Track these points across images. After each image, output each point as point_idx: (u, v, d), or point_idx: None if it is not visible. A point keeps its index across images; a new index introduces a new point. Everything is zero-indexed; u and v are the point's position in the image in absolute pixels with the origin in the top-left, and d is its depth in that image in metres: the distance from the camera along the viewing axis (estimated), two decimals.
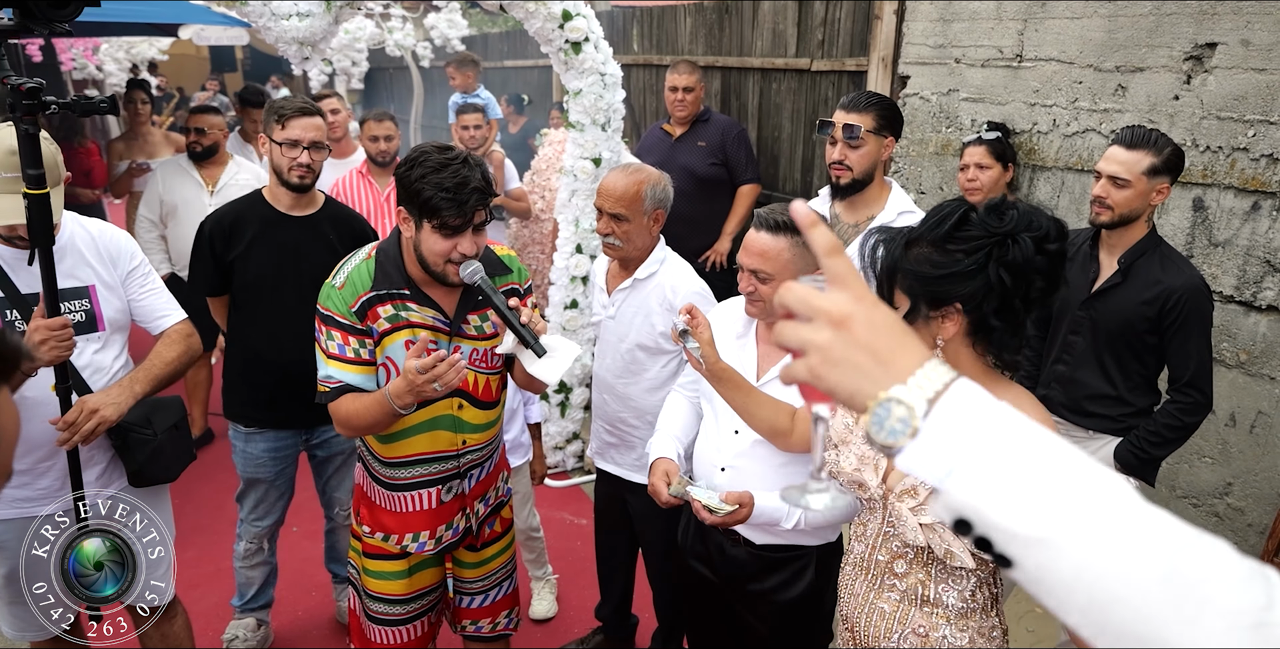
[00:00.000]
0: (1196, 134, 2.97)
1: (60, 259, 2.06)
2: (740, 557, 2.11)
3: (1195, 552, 0.61)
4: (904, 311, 1.39)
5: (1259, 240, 2.85)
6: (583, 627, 3.18)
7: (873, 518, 1.61)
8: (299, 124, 2.67)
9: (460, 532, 2.25)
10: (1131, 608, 0.60)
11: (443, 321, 2.04)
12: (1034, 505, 0.62)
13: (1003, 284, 1.32)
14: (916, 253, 1.38)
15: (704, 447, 2.15)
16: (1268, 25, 2.75)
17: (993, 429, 0.65)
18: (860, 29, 4.35)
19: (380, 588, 2.22)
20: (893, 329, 0.69)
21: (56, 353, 1.95)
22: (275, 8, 4.00)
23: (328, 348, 2.02)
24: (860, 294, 0.70)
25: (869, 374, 0.68)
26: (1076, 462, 0.64)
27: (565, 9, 3.86)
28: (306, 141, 2.67)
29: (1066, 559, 0.61)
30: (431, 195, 1.85)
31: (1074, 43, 3.33)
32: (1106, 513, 0.62)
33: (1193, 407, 2.43)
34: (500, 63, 9.64)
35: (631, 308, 2.62)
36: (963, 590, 1.52)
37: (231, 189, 4.38)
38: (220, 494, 4.12)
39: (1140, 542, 0.61)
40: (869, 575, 1.62)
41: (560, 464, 4.36)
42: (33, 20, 1.82)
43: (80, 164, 6.19)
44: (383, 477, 2.16)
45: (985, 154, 3.27)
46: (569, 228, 4.21)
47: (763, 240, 1.97)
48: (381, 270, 2.01)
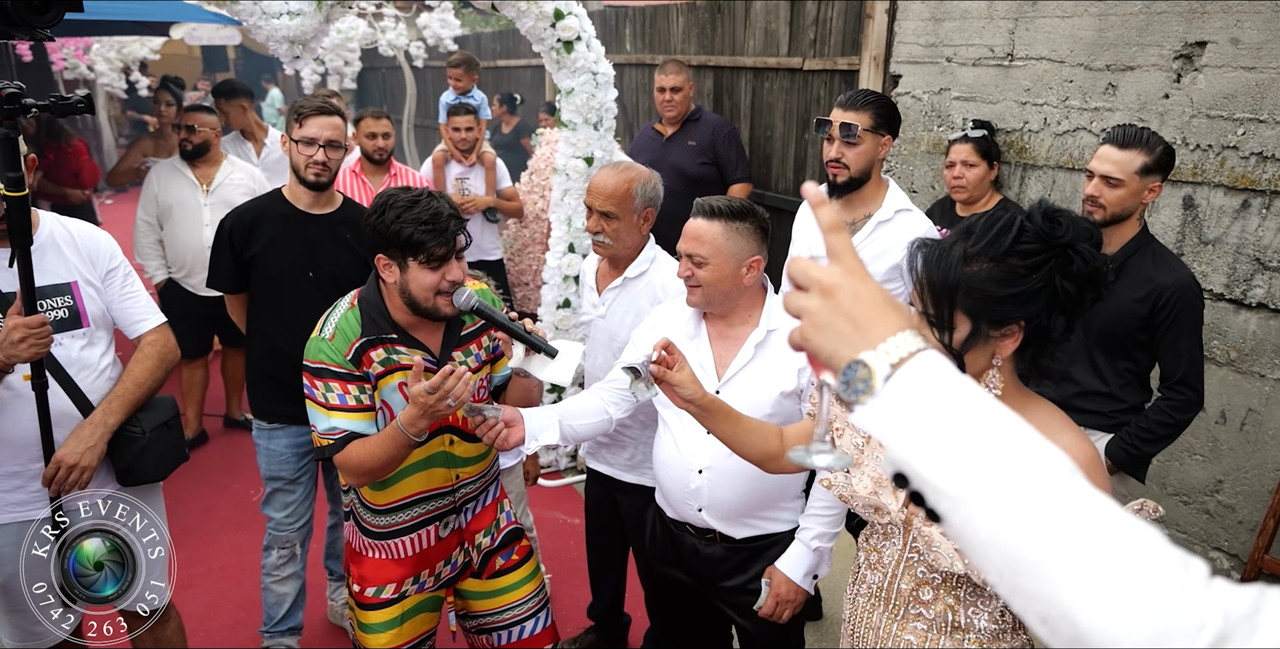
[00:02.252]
0: (1186, 132, 2.98)
1: (41, 256, 2.08)
2: (716, 554, 2.12)
3: (1114, 531, 0.65)
4: (964, 335, 1.27)
5: (1249, 238, 2.86)
6: (575, 626, 3.18)
7: (889, 544, 1.51)
8: (316, 122, 2.69)
9: (459, 567, 2.23)
10: (1038, 573, 0.65)
11: (431, 361, 2.05)
12: (960, 467, 0.68)
13: (1068, 297, 1.25)
14: (977, 271, 1.26)
15: (673, 451, 2.11)
16: (1257, 24, 2.76)
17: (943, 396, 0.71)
18: (852, 28, 4.36)
19: (373, 643, 2.17)
20: (875, 300, 0.76)
21: (35, 350, 1.96)
22: (266, 7, 3.98)
23: (326, 401, 2.00)
24: (851, 267, 0.77)
25: (847, 338, 0.75)
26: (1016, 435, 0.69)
27: (557, 8, 3.86)
28: (323, 140, 2.69)
29: (983, 519, 0.67)
30: (412, 232, 1.89)
31: (1064, 42, 3.34)
32: (1027, 483, 0.67)
33: (1184, 404, 2.44)
34: (493, 62, 9.62)
35: (622, 307, 2.62)
36: (994, 611, 1.43)
37: (226, 188, 4.36)
38: (212, 495, 4.11)
39: (1056, 513, 0.66)
40: (889, 606, 1.51)
41: (553, 464, 4.36)
42: (13, 26, 1.83)
43: (68, 164, 6.15)
44: (375, 527, 2.13)
45: (971, 152, 3.29)
46: (561, 227, 4.21)
47: (697, 225, 2.01)
48: (367, 318, 2.03)
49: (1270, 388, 2.85)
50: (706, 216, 2.01)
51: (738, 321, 2.08)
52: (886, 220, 2.64)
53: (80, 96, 1.92)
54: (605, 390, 2.25)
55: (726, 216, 1.99)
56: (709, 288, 2.02)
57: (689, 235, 2.02)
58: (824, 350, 0.77)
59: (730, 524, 2.09)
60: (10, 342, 1.92)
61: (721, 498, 2.06)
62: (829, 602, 3.26)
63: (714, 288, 2.01)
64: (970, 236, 1.28)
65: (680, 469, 2.09)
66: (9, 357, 1.93)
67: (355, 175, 4.34)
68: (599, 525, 2.92)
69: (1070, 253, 1.24)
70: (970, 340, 1.27)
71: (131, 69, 11.89)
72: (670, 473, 2.13)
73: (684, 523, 2.16)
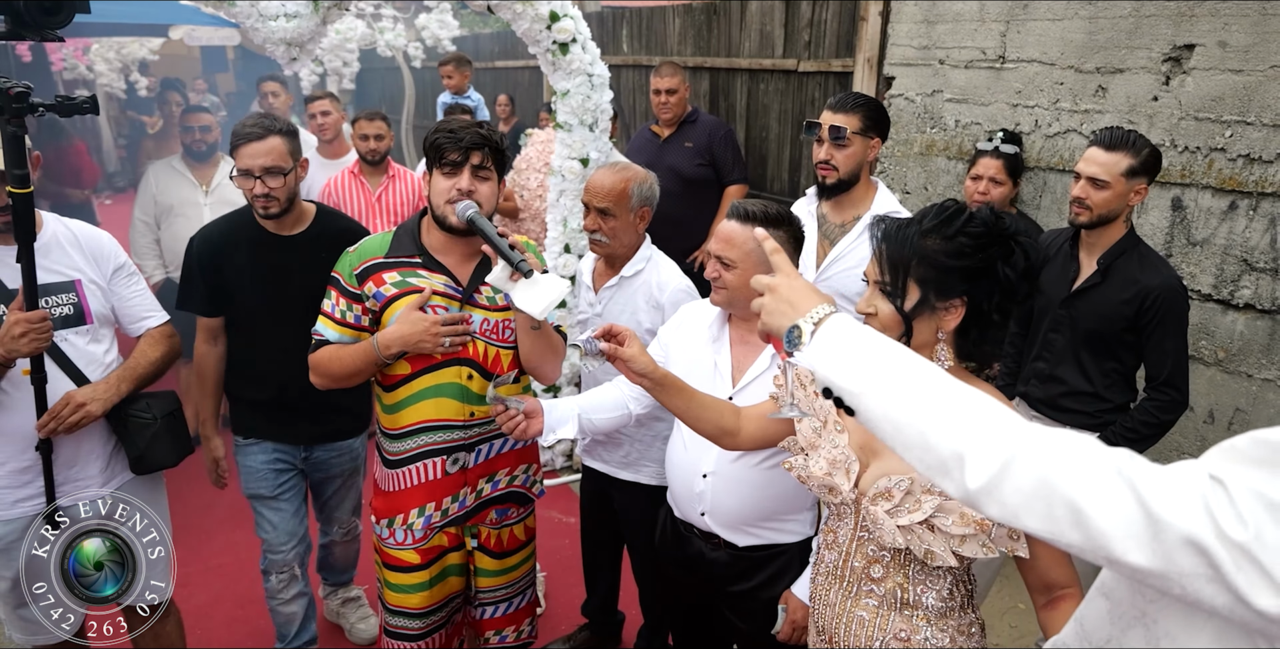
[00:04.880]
0: (1175, 134, 3.01)
1: (45, 255, 2.13)
2: (722, 559, 2.12)
3: (956, 394, 1.00)
4: (914, 302, 1.44)
5: (1236, 239, 2.89)
6: (570, 623, 3.20)
7: (843, 524, 1.61)
8: (247, 152, 2.41)
9: (469, 506, 2.24)
10: (915, 431, 0.99)
11: (454, 288, 2.12)
12: (858, 373, 1.06)
13: (1008, 283, 1.41)
14: (930, 244, 1.43)
15: (681, 453, 2.14)
16: (1244, 27, 2.79)
17: (847, 336, 1.11)
18: (846, 30, 4.38)
19: (399, 601, 2.23)
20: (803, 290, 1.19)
21: (35, 345, 2.01)
22: (262, 8, 4.01)
23: (324, 306, 2.17)
24: (788, 273, 1.23)
25: (786, 315, 1.17)
26: (892, 352, 1.07)
27: (552, 10, 3.89)
28: (258, 170, 2.40)
29: (876, 402, 1.04)
30: (436, 138, 2.05)
31: (1055, 44, 3.37)
32: (906, 381, 1.03)
33: (1169, 404, 2.47)
34: (491, 63, 9.64)
35: (618, 305, 2.65)
36: (940, 590, 1.52)
37: (226, 188, 4.38)
38: (210, 493, 4.11)
39: (918, 389, 1.02)
40: (844, 583, 1.60)
41: (550, 463, 4.38)
42: (25, 27, 1.88)
43: (69, 164, 6.18)
44: (391, 455, 2.20)
45: (1000, 170, 3.26)
46: (557, 227, 4.23)
47: (730, 228, 2.03)
48: (397, 240, 2.16)
49: (1258, 388, 2.88)
50: (740, 220, 2.01)
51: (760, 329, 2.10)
52: None
53: (86, 97, 1.98)
54: (626, 384, 2.26)
55: (760, 222, 1.99)
56: (734, 291, 2.04)
57: (720, 237, 2.04)
58: (774, 326, 1.19)
59: (733, 531, 2.09)
60: (11, 336, 1.97)
61: (725, 504, 2.07)
62: None
63: (739, 292, 2.02)
64: (925, 218, 1.47)
65: (687, 471, 2.11)
66: (9, 351, 1.98)
67: (354, 176, 4.37)
68: (594, 523, 2.95)
69: (1013, 243, 1.42)
70: (918, 307, 1.45)
71: (131, 69, 11.92)
72: (678, 474, 2.15)
73: (691, 525, 2.17)
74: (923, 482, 1.46)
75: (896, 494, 1.47)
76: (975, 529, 1.41)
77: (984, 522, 1.41)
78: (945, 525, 1.43)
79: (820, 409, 1.64)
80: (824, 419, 1.64)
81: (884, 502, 1.48)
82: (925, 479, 1.39)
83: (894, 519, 1.47)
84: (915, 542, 1.46)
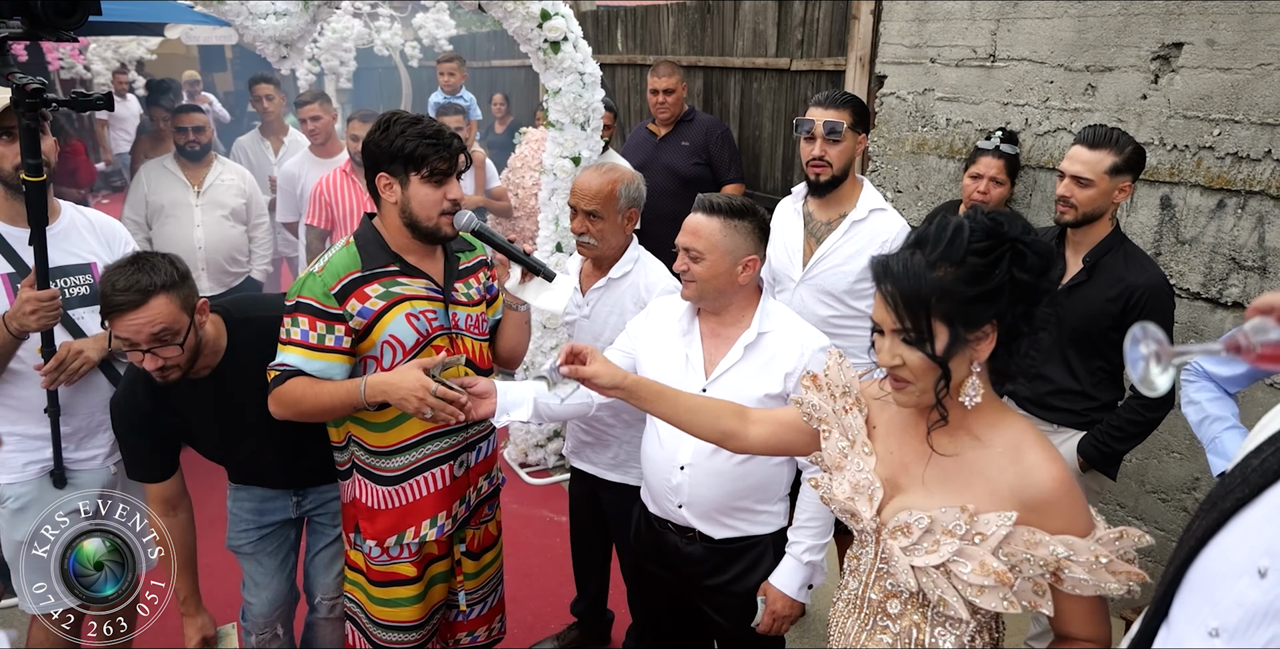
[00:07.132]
0: (1164, 133, 3.00)
1: (65, 238, 2.35)
2: (696, 553, 2.13)
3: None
4: (945, 342, 1.29)
5: (1224, 238, 2.88)
6: (559, 623, 3.20)
7: (865, 552, 1.51)
8: (125, 325, 1.92)
9: (471, 507, 2.24)
10: None
11: (435, 290, 2.09)
12: None
13: (1027, 287, 1.29)
14: (943, 276, 1.28)
15: (656, 447, 2.12)
16: (1232, 25, 2.79)
17: None
18: (838, 29, 4.38)
19: (394, 616, 2.18)
20: None
21: (44, 321, 2.17)
22: (252, 7, 4.01)
23: (288, 334, 1.96)
24: None
25: None
26: None
27: (544, 8, 3.88)
28: (144, 342, 1.94)
29: None
30: (416, 145, 1.92)
31: (1045, 43, 3.37)
32: None
33: (1155, 403, 2.46)
34: (487, 62, 9.64)
35: (606, 307, 2.64)
36: (961, 635, 1.40)
37: (218, 189, 4.39)
38: (200, 489, 4.11)
39: None
40: (861, 614, 1.51)
41: (541, 462, 4.39)
42: (41, 27, 1.97)
43: (66, 163, 6.20)
44: (387, 472, 2.10)
45: (1001, 170, 3.24)
46: (549, 226, 4.23)
47: (696, 220, 2.04)
48: (366, 252, 2.01)
49: None
50: (706, 212, 2.03)
51: (730, 321, 2.09)
52: (861, 219, 2.66)
53: (101, 94, 2.14)
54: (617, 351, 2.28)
55: (725, 213, 2.01)
56: (703, 283, 2.03)
57: (687, 229, 2.05)
58: None
59: (709, 523, 2.10)
60: (23, 312, 2.14)
61: (701, 495, 2.07)
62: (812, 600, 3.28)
63: (708, 284, 2.02)
64: (926, 245, 1.31)
65: (663, 465, 2.11)
66: (21, 325, 2.15)
67: (345, 175, 4.37)
68: (582, 523, 2.95)
69: (1020, 246, 1.29)
70: (951, 347, 1.29)
71: (128, 68, 11.92)
72: (653, 468, 2.15)
73: (666, 520, 2.17)
74: (944, 522, 1.34)
75: (915, 531, 1.36)
76: (995, 581, 1.28)
77: (1005, 573, 1.28)
78: (963, 573, 1.31)
79: (851, 428, 1.54)
80: (852, 439, 1.53)
81: (902, 537, 1.38)
82: (948, 519, 1.33)
83: (908, 558, 1.36)
84: (929, 585, 1.35)
